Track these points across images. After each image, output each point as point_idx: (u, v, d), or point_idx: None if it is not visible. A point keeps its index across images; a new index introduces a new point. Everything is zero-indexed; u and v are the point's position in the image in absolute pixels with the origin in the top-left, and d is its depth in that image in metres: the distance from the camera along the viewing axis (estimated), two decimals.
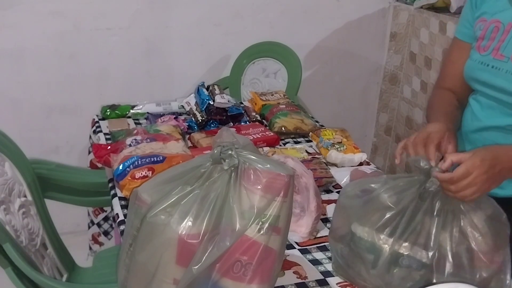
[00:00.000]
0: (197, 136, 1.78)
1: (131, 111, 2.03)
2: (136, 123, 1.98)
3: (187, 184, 1.01)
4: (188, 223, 0.97)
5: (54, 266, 1.57)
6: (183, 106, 2.03)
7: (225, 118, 1.92)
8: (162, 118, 1.91)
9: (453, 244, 1.05)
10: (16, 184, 1.46)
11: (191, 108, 1.96)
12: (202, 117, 1.89)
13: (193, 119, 1.90)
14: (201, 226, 0.97)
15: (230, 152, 0.99)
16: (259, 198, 0.97)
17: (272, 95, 2.15)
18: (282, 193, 0.98)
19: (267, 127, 1.91)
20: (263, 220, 0.97)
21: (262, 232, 0.97)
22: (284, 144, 1.85)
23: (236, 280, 0.98)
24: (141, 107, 2.05)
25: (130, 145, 1.57)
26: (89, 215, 2.12)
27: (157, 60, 2.54)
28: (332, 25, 2.75)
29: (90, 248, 2.15)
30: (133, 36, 2.46)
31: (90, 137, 2.00)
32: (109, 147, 1.61)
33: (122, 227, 1.33)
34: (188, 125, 1.86)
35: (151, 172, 1.43)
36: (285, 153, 1.70)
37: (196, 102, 1.96)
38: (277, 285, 1.12)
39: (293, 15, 2.66)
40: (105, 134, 1.87)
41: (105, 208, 2.08)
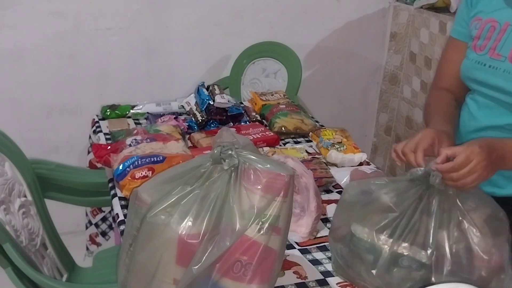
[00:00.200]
0: (197, 136, 1.78)
1: (131, 111, 2.03)
2: (136, 123, 1.98)
3: (187, 184, 1.01)
4: (188, 223, 0.97)
5: (54, 266, 1.57)
6: (183, 106, 2.03)
7: (225, 118, 1.92)
8: (162, 118, 1.91)
9: (452, 243, 1.05)
10: (16, 184, 1.46)
11: (191, 108, 1.95)
12: (202, 117, 1.89)
13: (193, 119, 1.90)
14: (201, 226, 0.97)
15: (230, 152, 0.99)
16: (259, 198, 0.97)
17: (272, 95, 2.14)
18: (282, 193, 0.98)
19: (267, 127, 1.91)
20: (263, 220, 0.97)
21: (262, 232, 0.97)
22: (284, 144, 1.85)
23: (236, 280, 0.98)
24: (141, 107, 2.04)
25: (130, 145, 1.57)
26: (87, 215, 2.12)
27: (157, 60, 2.54)
28: (332, 25, 2.74)
29: (87, 249, 2.14)
30: (133, 36, 2.46)
31: (90, 137, 2.00)
32: (109, 147, 1.61)
33: (122, 227, 1.33)
34: (188, 125, 1.86)
35: (151, 172, 1.43)
36: (285, 153, 1.70)
37: (196, 102, 1.96)
38: (277, 285, 1.12)
39: (293, 15, 2.65)
40: (105, 134, 1.87)
41: (103, 209, 2.07)
